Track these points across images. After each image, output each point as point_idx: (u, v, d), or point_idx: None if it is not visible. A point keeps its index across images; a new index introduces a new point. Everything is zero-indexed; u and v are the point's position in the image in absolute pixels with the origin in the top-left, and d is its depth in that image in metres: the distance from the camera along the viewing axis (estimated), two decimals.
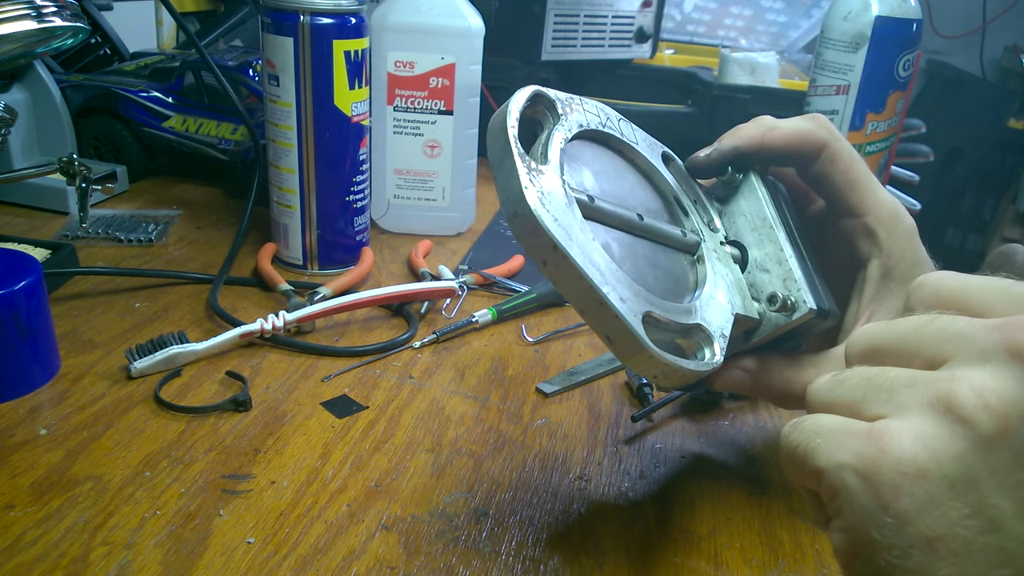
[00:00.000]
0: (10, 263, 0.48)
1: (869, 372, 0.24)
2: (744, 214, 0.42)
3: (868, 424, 0.23)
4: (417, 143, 0.73)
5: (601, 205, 0.35)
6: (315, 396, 0.49)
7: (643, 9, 1.06)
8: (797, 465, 0.24)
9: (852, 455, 0.22)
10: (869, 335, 0.26)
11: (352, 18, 0.60)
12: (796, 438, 0.24)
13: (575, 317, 0.61)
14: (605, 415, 0.50)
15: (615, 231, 0.36)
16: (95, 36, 0.97)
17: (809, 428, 0.24)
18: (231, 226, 0.74)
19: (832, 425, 0.23)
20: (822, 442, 0.23)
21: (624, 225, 0.37)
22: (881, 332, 0.25)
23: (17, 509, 0.38)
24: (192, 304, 0.60)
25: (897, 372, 0.23)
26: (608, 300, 0.31)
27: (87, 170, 0.61)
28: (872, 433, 0.22)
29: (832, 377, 0.26)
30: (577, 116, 0.37)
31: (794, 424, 0.25)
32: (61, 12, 0.56)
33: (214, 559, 0.36)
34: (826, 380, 0.26)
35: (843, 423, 0.23)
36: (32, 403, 0.46)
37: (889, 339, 0.25)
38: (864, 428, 0.23)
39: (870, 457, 0.22)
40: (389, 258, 0.71)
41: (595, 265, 0.32)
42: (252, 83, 0.80)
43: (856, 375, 0.25)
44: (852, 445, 0.22)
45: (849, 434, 0.23)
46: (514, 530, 0.39)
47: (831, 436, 0.23)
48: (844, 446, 0.23)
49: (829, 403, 0.25)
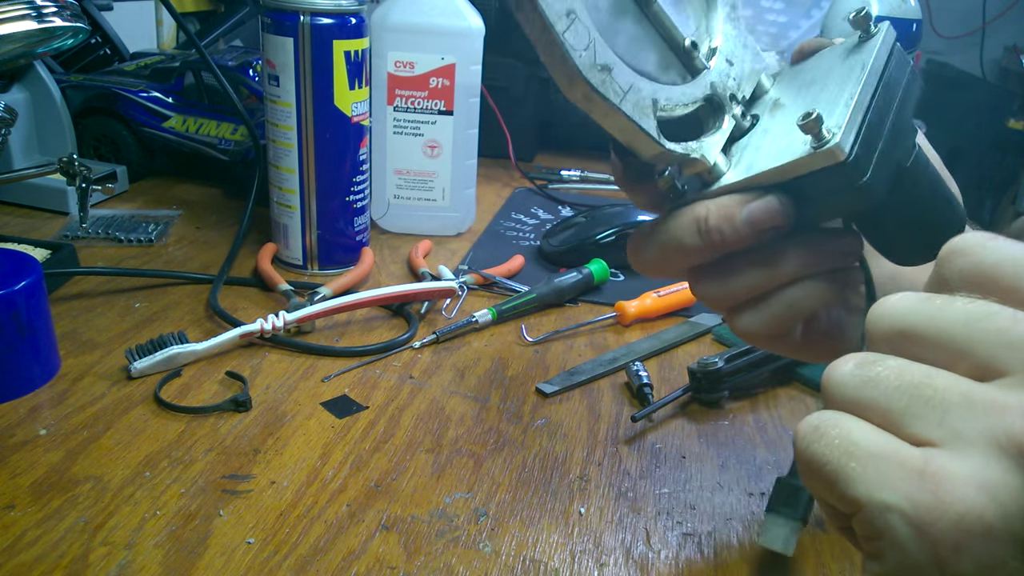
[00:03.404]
0: (10, 263, 0.48)
1: (911, 373, 0.20)
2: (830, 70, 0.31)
3: (920, 458, 0.19)
4: (417, 143, 0.73)
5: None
6: (315, 396, 0.49)
7: None
8: (824, 485, 0.21)
9: (903, 498, 0.19)
10: (903, 312, 0.21)
11: (352, 18, 0.60)
12: (823, 453, 0.20)
13: (575, 317, 0.62)
14: (605, 415, 0.50)
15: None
16: (95, 36, 0.97)
17: (841, 445, 0.20)
18: (231, 226, 0.74)
19: (871, 447, 0.20)
20: (861, 470, 0.20)
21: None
22: (920, 313, 0.21)
23: (17, 509, 0.38)
24: (192, 304, 0.60)
25: (947, 382, 0.19)
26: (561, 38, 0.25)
27: (87, 170, 0.61)
28: (927, 475, 0.19)
29: (859, 366, 0.21)
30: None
31: (815, 429, 0.21)
32: (61, 12, 0.56)
33: (214, 559, 0.36)
34: (852, 370, 0.21)
35: (885, 447, 0.20)
36: (32, 403, 0.46)
37: (931, 326, 0.20)
38: (916, 465, 0.19)
39: (925, 506, 0.18)
40: (389, 258, 0.71)
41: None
42: (252, 83, 0.80)
43: (893, 374, 0.20)
44: (902, 485, 0.19)
45: (897, 467, 0.19)
46: (514, 530, 0.39)
47: (873, 464, 0.19)
48: (891, 483, 0.19)
49: (858, 404, 0.21)
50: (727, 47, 0.32)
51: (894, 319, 0.21)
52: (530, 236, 0.78)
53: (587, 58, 0.26)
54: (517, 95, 0.99)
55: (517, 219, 0.82)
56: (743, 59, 0.32)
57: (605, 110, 0.27)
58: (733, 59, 0.32)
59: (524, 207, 0.86)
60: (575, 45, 0.26)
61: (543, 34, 0.26)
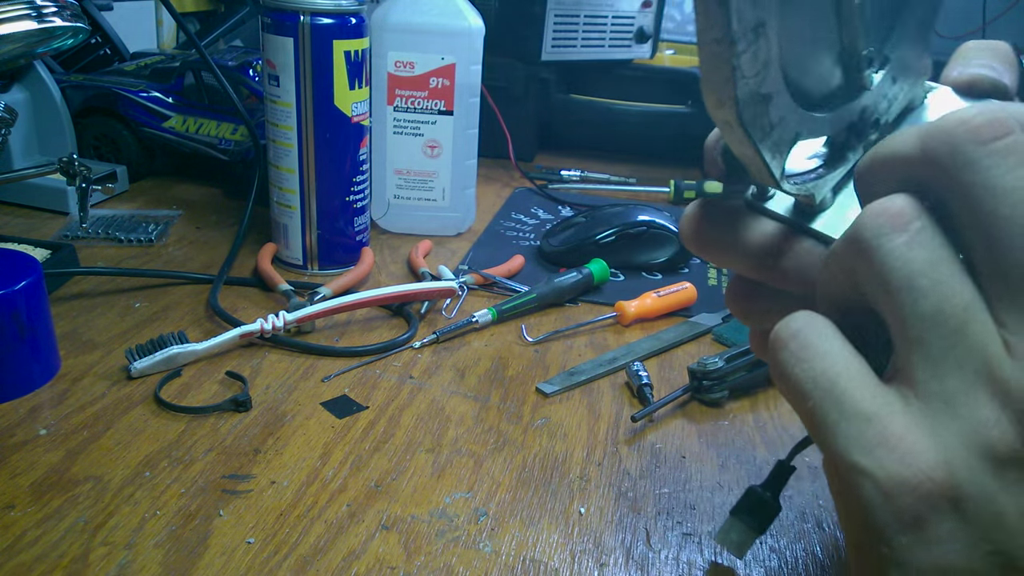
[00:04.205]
0: (10, 263, 0.48)
1: (955, 298, 0.20)
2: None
3: (901, 424, 0.20)
4: (417, 143, 0.73)
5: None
6: (315, 396, 0.49)
7: (643, 9, 1.06)
8: (801, 414, 0.21)
9: (877, 465, 0.20)
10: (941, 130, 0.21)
11: (352, 18, 0.60)
12: (803, 384, 0.21)
13: (575, 317, 0.62)
14: (605, 415, 0.50)
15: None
16: (95, 36, 0.98)
17: (823, 383, 0.21)
18: (231, 226, 0.74)
19: (855, 401, 0.20)
20: (842, 426, 0.20)
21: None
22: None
23: (17, 509, 0.38)
24: (192, 304, 0.60)
25: (980, 336, 0.20)
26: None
27: (87, 170, 0.61)
28: (903, 446, 0.20)
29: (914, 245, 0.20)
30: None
31: (795, 340, 0.22)
32: (61, 12, 0.56)
33: (214, 559, 0.36)
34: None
35: (869, 404, 0.20)
36: (32, 403, 0.46)
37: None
38: (896, 431, 0.20)
39: (896, 477, 0.19)
40: (389, 258, 0.71)
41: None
42: (252, 83, 0.80)
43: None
44: (878, 451, 0.20)
45: (877, 431, 0.20)
46: (514, 530, 0.39)
47: (855, 424, 0.20)
48: (868, 447, 0.20)
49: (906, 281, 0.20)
50: (898, 65, 0.27)
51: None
52: (530, 236, 0.78)
53: (751, 86, 0.22)
54: (517, 95, 0.99)
55: (517, 219, 0.82)
56: (905, 82, 0.28)
57: (741, 140, 0.23)
58: (898, 78, 0.28)
59: (524, 207, 0.86)
60: (746, 72, 0.22)
61: (716, 46, 0.21)
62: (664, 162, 1.04)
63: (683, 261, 0.72)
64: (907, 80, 0.28)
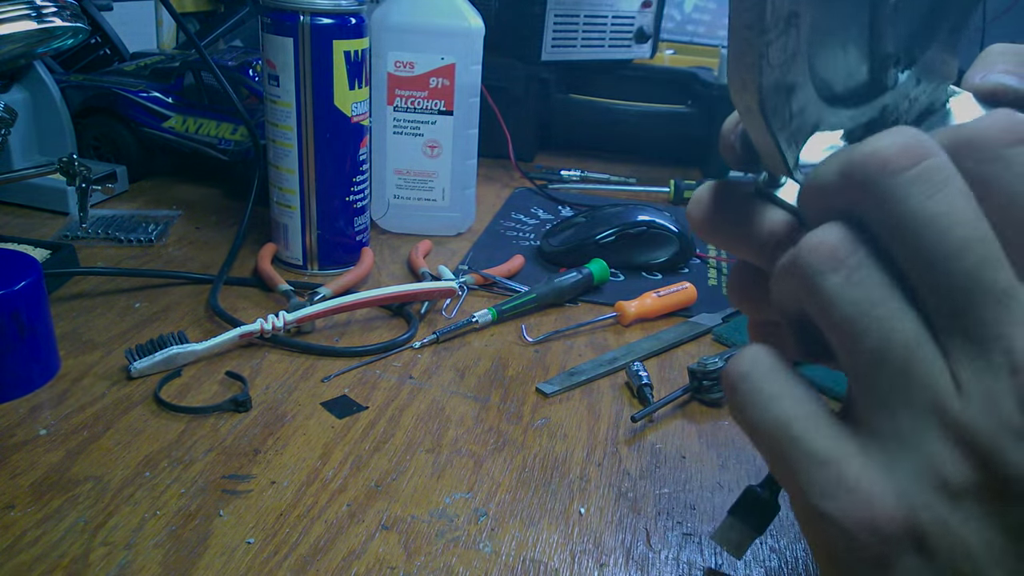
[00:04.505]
0: (10, 263, 0.48)
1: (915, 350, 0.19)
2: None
3: (858, 466, 0.20)
4: (417, 143, 0.73)
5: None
6: (315, 396, 0.49)
7: (643, 9, 1.06)
8: (765, 454, 0.21)
9: (835, 507, 0.19)
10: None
11: (352, 18, 0.60)
12: (761, 426, 0.21)
13: (575, 317, 0.62)
14: (605, 415, 0.50)
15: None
16: (95, 36, 0.97)
17: (780, 427, 0.21)
18: (231, 226, 0.74)
19: (814, 447, 0.20)
20: (803, 473, 0.20)
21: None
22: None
23: (17, 509, 0.38)
24: (192, 304, 0.60)
25: (928, 377, 0.19)
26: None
27: (87, 170, 0.61)
28: (862, 489, 0.19)
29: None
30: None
31: (746, 382, 0.21)
32: (61, 12, 0.56)
33: (214, 559, 0.36)
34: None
35: (827, 450, 0.20)
36: (32, 403, 0.46)
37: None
38: (853, 473, 0.20)
39: (857, 520, 0.19)
40: (389, 258, 0.71)
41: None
42: (252, 83, 0.80)
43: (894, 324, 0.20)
44: (836, 493, 0.20)
45: (835, 477, 0.20)
46: (514, 530, 0.39)
47: (816, 470, 0.20)
48: (829, 492, 0.20)
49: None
50: (924, 67, 0.27)
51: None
52: (530, 236, 0.78)
53: (776, 75, 0.22)
54: (517, 95, 0.99)
55: (517, 219, 0.82)
56: (929, 84, 0.28)
57: (759, 126, 0.23)
58: (922, 79, 0.27)
59: (524, 207, 0.86)
60: (773, 60, 0.22)
61: (747, 31, 0.21)
62: (664, 162, 1.04)
63: (683, 261, 0.72)
64: (931, 82, 0.27)
